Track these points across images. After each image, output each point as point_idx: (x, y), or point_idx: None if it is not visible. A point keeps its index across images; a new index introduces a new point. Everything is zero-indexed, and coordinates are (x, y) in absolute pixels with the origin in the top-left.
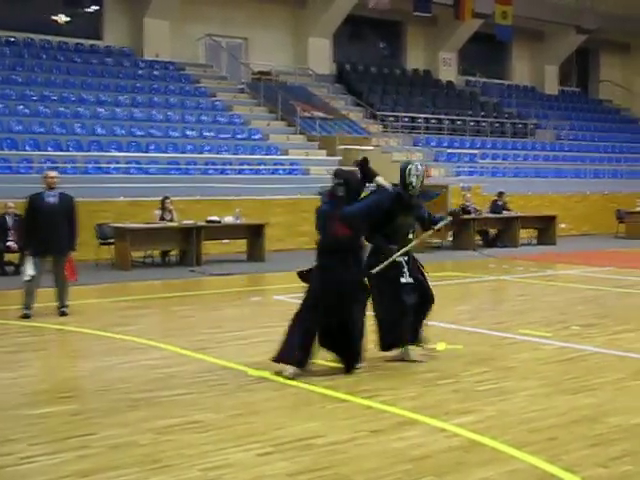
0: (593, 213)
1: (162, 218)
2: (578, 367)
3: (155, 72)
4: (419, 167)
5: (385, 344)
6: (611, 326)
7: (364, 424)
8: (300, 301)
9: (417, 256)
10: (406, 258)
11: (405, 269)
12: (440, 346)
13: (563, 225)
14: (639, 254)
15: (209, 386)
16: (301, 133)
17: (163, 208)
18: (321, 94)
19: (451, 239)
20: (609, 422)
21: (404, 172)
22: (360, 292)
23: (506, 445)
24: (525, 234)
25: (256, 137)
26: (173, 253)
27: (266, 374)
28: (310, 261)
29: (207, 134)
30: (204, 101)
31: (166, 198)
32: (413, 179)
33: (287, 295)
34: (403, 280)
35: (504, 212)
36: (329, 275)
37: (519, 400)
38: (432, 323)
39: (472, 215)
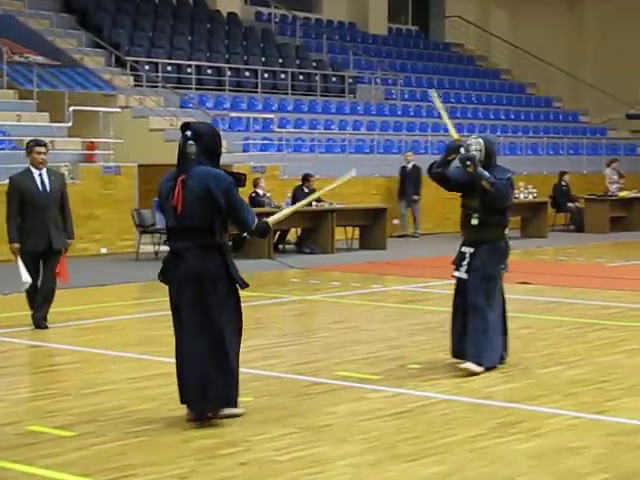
0: (438, 204)
1: None
2: (418, 422)
3: None
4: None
5: None
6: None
7: None
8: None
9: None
10: None
11: None
12: None
13: (395, 221)
14: None
15: None
16: (9, 87)
17: None
18: (41, 28)
19: (231, 243)
20: None
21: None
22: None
23: None
24: (342, 234)
25: None
26: None
27: None
28: None
29: None
30: None
31: None
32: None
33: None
34: None
35: (314, 203)
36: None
37: (337, 472)
38: None
39: (267, 208)
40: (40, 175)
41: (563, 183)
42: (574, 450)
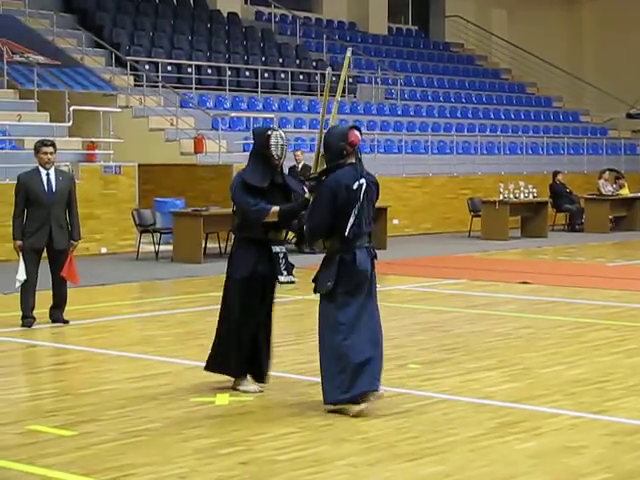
0: (438, 203)
1: None
2: (418, 422)
3: None
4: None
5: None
6: (463, 363)
7: None
8: None
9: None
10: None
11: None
12: (221, 399)
13: (395, 221)
14: (499, 262)
15: None
16: (10, 87)
17: None
18: (41, 28)
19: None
20: None
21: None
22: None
23: None
24: None
25: None
26: None
27: None
28: None
29: None
30: None
31: None
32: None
33: None
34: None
35: None
36: None
37: (337, 472)
38: (196, 364)
39: None
40: (47, 175)
41: (557, 183)
42: (574, 450)
